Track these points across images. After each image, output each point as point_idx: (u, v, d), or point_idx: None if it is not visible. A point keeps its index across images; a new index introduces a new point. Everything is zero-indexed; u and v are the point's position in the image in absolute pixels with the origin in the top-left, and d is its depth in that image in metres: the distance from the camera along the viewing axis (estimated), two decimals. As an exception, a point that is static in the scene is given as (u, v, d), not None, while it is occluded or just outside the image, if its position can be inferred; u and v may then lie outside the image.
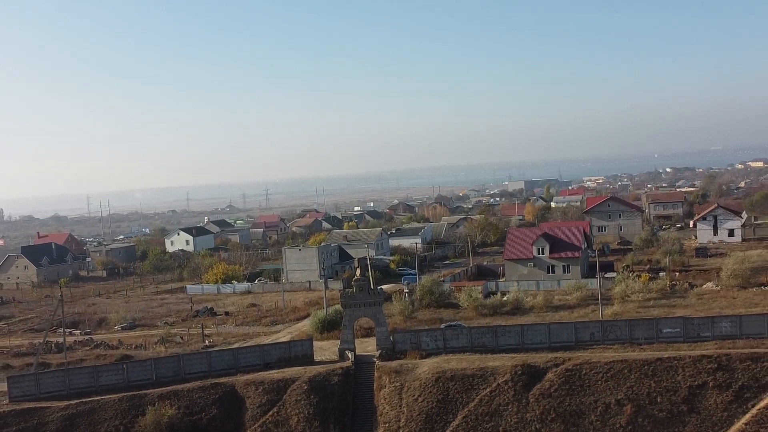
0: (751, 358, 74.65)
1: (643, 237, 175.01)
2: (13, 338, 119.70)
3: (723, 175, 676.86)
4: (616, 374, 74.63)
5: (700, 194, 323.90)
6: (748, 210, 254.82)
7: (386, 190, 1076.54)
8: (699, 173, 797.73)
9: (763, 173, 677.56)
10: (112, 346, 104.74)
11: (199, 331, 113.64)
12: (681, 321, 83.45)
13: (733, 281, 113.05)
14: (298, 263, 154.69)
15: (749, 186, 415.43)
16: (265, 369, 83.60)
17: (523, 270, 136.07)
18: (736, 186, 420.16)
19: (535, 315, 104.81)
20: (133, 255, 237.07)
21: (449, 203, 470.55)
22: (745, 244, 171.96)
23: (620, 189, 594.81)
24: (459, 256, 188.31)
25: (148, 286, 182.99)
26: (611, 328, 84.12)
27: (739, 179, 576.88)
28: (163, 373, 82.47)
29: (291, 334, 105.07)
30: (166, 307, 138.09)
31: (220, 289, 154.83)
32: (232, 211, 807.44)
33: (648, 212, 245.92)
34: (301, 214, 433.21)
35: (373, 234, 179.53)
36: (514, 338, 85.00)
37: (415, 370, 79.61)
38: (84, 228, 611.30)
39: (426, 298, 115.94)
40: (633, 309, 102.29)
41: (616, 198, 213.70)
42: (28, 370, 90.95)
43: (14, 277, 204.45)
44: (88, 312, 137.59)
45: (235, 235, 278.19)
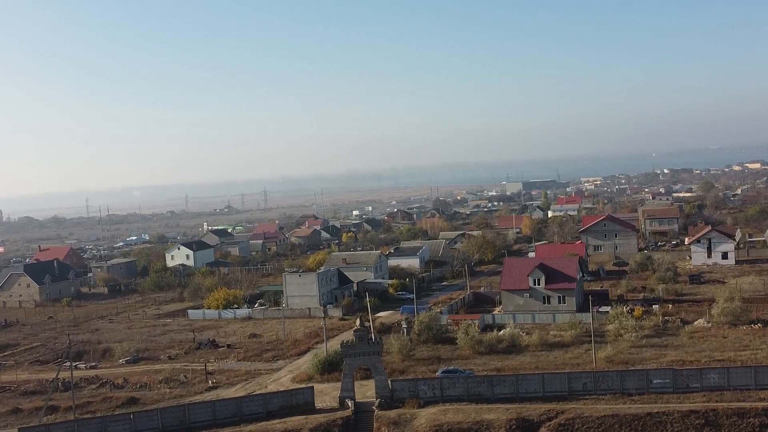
0: (738, 413, 77.35)
1: (638, 260, 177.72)
2: (20, 371, 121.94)
3: (720, 178, 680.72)
4: (608, 429, 77.25)
5: (696, 205, 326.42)
6: (742, 225, 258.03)
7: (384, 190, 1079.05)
8: (696, 175, 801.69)
9: (761, 176, 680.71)
10: (117, 385, 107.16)
11: (201, 365, 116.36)
12: (671, 372, 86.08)
13: (723, 318, 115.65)
14: (298, 288, 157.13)
15: (745, 194, 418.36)
16: (267, 417, 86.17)
17: (519, 300, 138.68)
18: (732, 194, 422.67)
19: (530, 354, 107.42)
20: (134, 270, 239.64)
21: (447, 209, 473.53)
22: (738, 268, 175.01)
23: (617, 193, 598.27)
24: (456, 276, 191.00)
25: (149, 306, 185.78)
26: (603, 379, 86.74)
27: (735, 184, 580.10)
28: (169, 423, 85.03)
29: (292, 372, 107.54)
30: (168, 337, 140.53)
31: (221, 315, 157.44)
32: (231, 212, 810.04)
33: (644, 227, 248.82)
34: (300, 221, 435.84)
35: (372, 257, 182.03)
36: (509, 387, 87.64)
37: (413, 421, 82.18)
38: (83, 231, 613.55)
39: (424, 333, 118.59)
40: (626, 350, 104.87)
41: (612, 217, 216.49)
42: (37, 414, 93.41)
43: (17, 295, 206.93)
44: (92, 341, 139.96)
45: (235, 247, 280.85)
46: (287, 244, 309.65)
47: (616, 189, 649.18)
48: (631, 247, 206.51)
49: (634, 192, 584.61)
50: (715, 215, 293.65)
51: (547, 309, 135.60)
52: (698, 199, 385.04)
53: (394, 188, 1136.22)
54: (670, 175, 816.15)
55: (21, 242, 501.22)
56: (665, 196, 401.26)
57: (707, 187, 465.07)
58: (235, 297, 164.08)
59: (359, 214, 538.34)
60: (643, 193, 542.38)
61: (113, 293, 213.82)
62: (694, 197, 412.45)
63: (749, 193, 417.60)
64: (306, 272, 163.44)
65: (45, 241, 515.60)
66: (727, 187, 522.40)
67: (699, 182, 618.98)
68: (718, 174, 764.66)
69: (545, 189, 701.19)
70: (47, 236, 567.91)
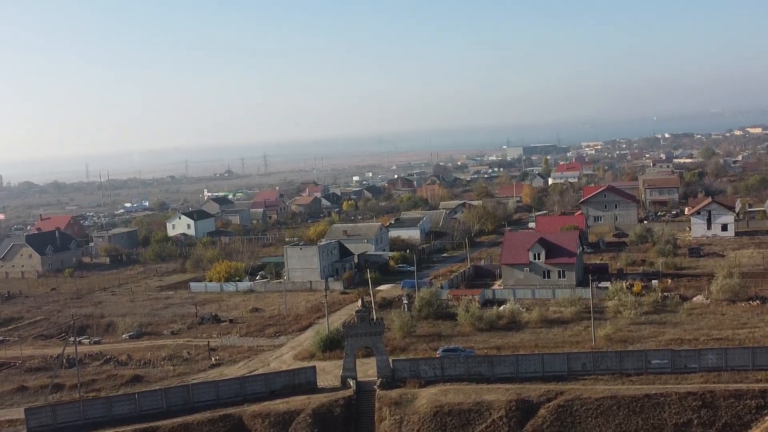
0: (735, 395, 78.37)
1: (638, 232, 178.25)
2: (24, 346, 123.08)
3: (721, 144, 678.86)
4: (606, 411, 78.35)
5: (696, 173, 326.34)
6: (742, 194, 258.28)
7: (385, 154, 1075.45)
8: (697, 140, 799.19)
9: (762, 141, 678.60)
10: (121, 362, 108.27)
11: (204, 341, 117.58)
12: (669, 353, 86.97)
13: (722, 295, 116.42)
14: (299, 261, 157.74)
15: (746, 161, 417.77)
16: (270, 397, 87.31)
17: (519, 275, 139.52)
18: (733, 160, 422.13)
19: (530, 331, 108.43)
20: (136, 240, 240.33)
21: (447, 175, 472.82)
22: (737, 240, 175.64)
23: (618, 158, 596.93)
24: (457, 247, 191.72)
25: (151, 278, 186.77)
26: (602, 359, 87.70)
27: (737, 149, 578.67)
28: (173, 402, 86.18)
29: (294, 349, 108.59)
30: (171, 311, 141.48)
31: (223, 288, 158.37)
32: (231, 177, 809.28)
33: (644, 197, 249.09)
34: (300, 187, 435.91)
35: (372, 229, 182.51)
36: (509, 367, 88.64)
37: (414, 401, 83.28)
38: (84, 196, 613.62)
39: (425, 309, 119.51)
40: (625, 327, 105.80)
41: (612, 188, 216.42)
42: (43, 392, 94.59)
43: (19, 265, 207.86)
44: (95, 315, 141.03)
45: (236, 216, 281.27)
46: (288, 212, 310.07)
47: (616, 154, 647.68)
48: (631, 218, 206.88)
49: (635, 157, 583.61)
50: (716, 184, 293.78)
51: (546, 283, 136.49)
52: (699, 166, 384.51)
53: (394, 153, 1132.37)
54: (671, 140, 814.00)
55: (22, 208, 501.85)
56: (666, 162, 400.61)
57: (708, 154, 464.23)
58: (236, 269, 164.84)
59: (359, 180, 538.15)
60: (644, 159, 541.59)
61: (115, 263, 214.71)
62: (694, 164, 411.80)
63: (750, 160, 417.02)
64: (307, 245, 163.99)
65: (45, 207, 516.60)
66: (727, 153, 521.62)
67: (700, 147, 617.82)
68: (719, 139, 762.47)
69: (546, 154, 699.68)
70: (47, 202, 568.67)
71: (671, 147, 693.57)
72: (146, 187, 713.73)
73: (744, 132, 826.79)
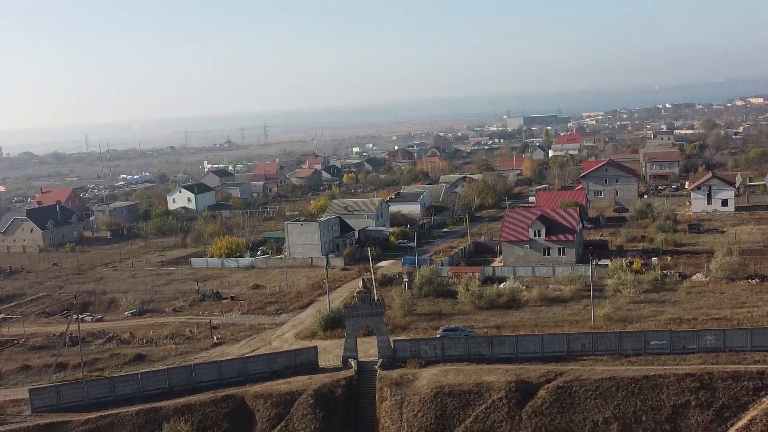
0: (733, 376, 79.03)
1: (638, 208, 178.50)
2: (27, 324, 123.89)
3: (722, 114, 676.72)
4: (605, 392, 79.07)
5: (697, 145, 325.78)
6: (743, 167, 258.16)
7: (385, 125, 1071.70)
8: (698, 110, 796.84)
9: (763, 111, 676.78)
10: (123, 340, 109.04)
11: (206, 318, 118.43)
12: (668, 334, 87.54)
13: (721, 273, 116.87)
14: (300, 237, 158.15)
15: (747, 132, 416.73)
16: (272, 377, 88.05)
17: (520, 251, 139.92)
18: (734, 132, 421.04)
19: (530, 309, 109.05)
20: (136, 214, 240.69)
21: (448, 147, 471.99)
22: (737, 215, 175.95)
23: (619, 129, 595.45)
24: (457, 222, 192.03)
25: (152, 253, 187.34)
26: (601, 340, 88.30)
27: (738, 120, 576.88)
28: (176, 383, 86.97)
29: (295, 327, 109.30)
30: (172, 287, 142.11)
31: (224, 263, 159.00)
32: (231, 148, 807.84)
33: (645, 170, 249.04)
34: (300, 159, 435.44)
35: (373, 205, 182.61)
36: (509, 348, 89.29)
37: (415, 382, 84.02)
38: (83, 167, 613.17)
39: (425, 287, 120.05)
40: (624, 306, 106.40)
41: (612, 163, 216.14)
42: (47, 371, 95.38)
43: (20, 240, 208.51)
44: (97, 291, 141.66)
45: (236, 188, 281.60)
46: (288, 185, 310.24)
47: (617, 125, 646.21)
48: (632, 192, 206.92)
49: (636, 128, 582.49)
50: (716, 157, 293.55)
51: (546, 260, 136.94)
52: (700, 138, 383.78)
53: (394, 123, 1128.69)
54: (672, 110, 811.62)
55: (22, 179, 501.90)
56: (667, 134, 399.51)
57: (709, 125, 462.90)
58: (237, 245, 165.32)
59: (359, 152, 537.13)
60: (645, 130, 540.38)
61: (116, 238, 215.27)
62: (695, 136, 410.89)
63: (751, 132, 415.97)
64: (308, 221, 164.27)
65: (45, 178, 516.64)
66: (729, 124, 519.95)
67: (701, 118, 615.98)
68: (721, 109, 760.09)
69: (546, 125, 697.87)
70: (47, 173, 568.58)
71: (672, 117, 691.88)
72: (146, 157, 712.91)
73: (746, 102, 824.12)
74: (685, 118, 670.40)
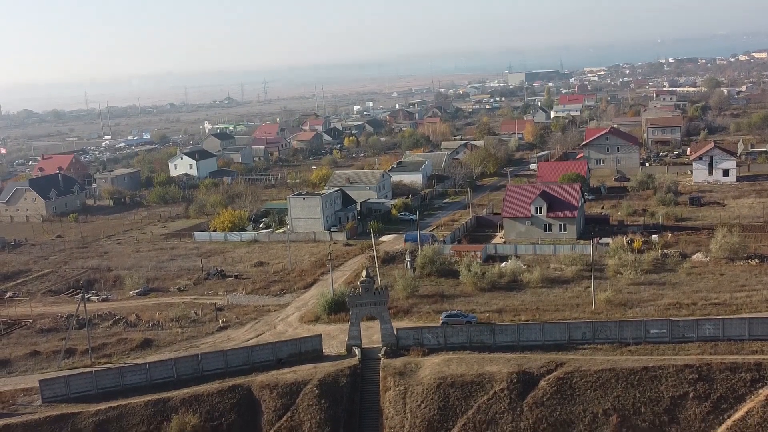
0: (730, 368, 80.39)
1: (640, 178, 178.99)
2: (34, 303, 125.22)
3: (725, 70, 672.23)
4: (604, 383, 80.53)
5: (700, 107, 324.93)
6: (745, 132, 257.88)
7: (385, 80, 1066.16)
8: (701, 65, 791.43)
9: (767, 67, 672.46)
10: (130, 323, 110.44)
11: (210, 299, 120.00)
12: (667, 323, 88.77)
13: (721, 253, 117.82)
14: (303, 211, 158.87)
15: (750, 92, 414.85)
16: (277, 365, 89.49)
17: (521, 228, 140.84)
18: (737, 91, 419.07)
19: (531, 291, 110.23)
20: (138, 181, 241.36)
21: (449, 106, 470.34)
22: (738, 186, 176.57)
23: (621, 86, 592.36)
24: (458, 192, 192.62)
25: (155, 223, 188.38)
26: (601, 329, 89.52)
27: (741, 77, 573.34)
28: (183, 372, 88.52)
29: (299, 310, 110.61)
30: (176, 264, 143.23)
31: (227, 237, 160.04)
32: (231, 104, 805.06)
33: (646, 136, 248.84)
34: (301, 120, 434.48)
35: (374, 177, 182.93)
36: (511, 336, 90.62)
37: (418, 372, 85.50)
38: (83, 126, 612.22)
39: (428, 267, 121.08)
40: (624, 289, 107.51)
41: (614, 131, 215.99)
42: (55, 358, 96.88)
43: (23, 209, 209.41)
44: (102, 268, 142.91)
45: (237, 153, 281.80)
46: (289, 149, 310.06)
47: (619, 82, 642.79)
48: (633, 161, 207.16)
49: (638, 85, 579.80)
50: (718, 120, 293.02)
51: (548, 237, 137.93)
52: (702, 98, 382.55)
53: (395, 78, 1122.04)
54: (674, 65, 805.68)
55: (22, 140, 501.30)
56: (669, 94, 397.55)
57: (712, 84, 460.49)
58: (240, 218, 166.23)
59: (360, 110, 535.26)
60: (647, 88, 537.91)
61: (119, 206, 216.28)
62: (698, 95, 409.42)
63: (754, 91, 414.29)
64: (310, 195, 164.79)
65: (45, 138, 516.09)
66: (732, 82, 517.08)
67: (704, 74, 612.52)
68: (724, 65, 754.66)
69: (548, 81, 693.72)
70: (47, 132, 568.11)
71: (675, 73, 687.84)
72: (146, 115, 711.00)
73: (749, 57, 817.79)
74: (687, 74, 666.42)
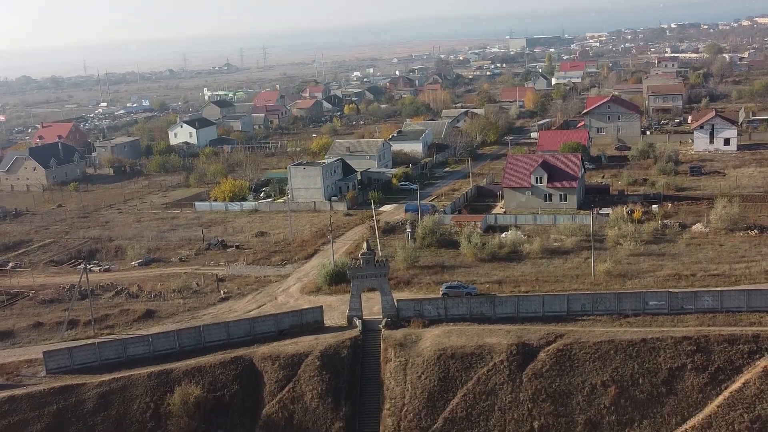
0: (728, 340, 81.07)
1: (640, 147, 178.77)
2: (36, 273, 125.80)
3: (728, 36, 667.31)
4: (603, 355, 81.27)
5: (702, 74, 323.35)
6: (747, 99, 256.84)
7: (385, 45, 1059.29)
8: (704, 30, 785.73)
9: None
10: (132, 294, 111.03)
11: (212, 269, 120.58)
12: (666, 295, 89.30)
13: (721, 224, 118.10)
14: (303, 181, 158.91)
15: (753, 58, 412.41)
16: (279, 337, 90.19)
17: (521, 198, 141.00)
18: (740, 57, 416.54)
19: (531, 262, 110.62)
20: (138, 150, 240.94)
21: (449, 72, 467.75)
22: (739, 155, 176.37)
23: (622, 52, 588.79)
24: (459, 161, 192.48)
25: (156, 193, 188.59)
26: (601, 300, 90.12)
27: (744, 43, 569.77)
28: (186, 343, 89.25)
29: (300, 281, 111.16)
30: (178, 234, 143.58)
31: (228, 207, 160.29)
32: (230, 70, 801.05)
33: (648, 104, 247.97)
34: (300, 86, 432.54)
35: (375, 145, 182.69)
36: (511, 308, 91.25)
37: (419, 343, 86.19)
38: (82, 93, 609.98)
39: (428, 238, 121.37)
40: (624, 260, 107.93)
41: (615, 99, 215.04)
42: (59, 329, 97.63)
43: (23, 178, 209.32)
44: (103, 238, 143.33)
45: (237, 121, 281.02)
46: (289, 116, 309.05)
47: (621, 48, 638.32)
48: (634, 129, 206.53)
49: (640, 51, 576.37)
50: (720, 87, 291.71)
51: (548, 207, 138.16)
52: (704, 64, 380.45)
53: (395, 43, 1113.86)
54: (677, 31, 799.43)
55: (21, 107, 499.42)
56: (670, 61, 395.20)
57: (714, 50, 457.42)
58: (241, 188, 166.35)
59: (360, 77, 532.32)
60: (649, 54, 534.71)
61: (119, 175, 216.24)
62: (700, 62, 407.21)
63: (757, 58, 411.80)
64: (310, 164, 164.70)
65: (44, 105, 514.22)
66: (734, 48, 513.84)
67: (706, 40, 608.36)
68: (727, 30, 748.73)
69: (549, 47, 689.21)
70: (46, 99, 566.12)
71: (677, 39, 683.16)
72: (145, 81, 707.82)
73: (752, 22, 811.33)
74: (690, 39, 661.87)
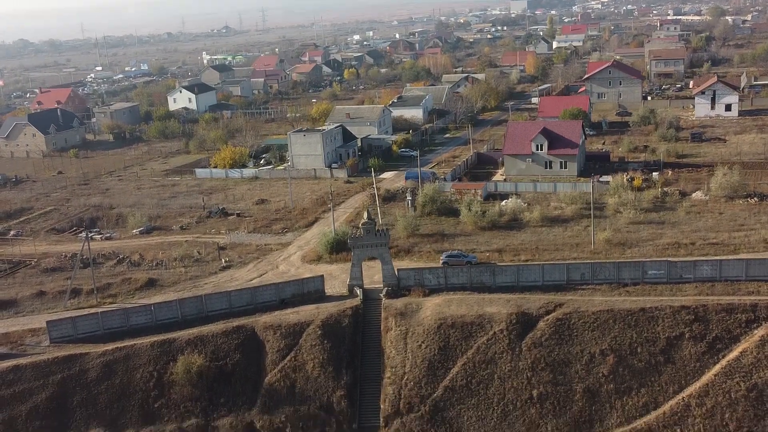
0: (726, 309, 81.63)
1: (641, 113, 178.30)
2: (37, 241, 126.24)
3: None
4: (602, 324, 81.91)
5: (704, 38, 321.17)
6: (749, 63, 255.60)
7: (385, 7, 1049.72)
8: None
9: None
10: (134, 262, 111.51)
11: (213, 237, 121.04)
12: (665, 264, 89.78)
13: (721, 192, 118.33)
14: (303, 148, 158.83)
15: (755, 21, 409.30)
16: (281, 306, 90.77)
17: (522, 165, 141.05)
18: (743, 20, 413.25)
19: (531, 231, 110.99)
20: (138, 115, 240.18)
21: (450, 36, 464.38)
22: (740, 121, 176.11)
23: (624, 15, 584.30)
24: (459, 127, 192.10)
25: (156, 159, 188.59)
26: (600, 270, 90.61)
27: (747, 6, 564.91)
28: (188, 312, 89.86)
29: (301, 249, 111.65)
30: (178, 202, 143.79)
31: (228, 174, 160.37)
32: (229, 34, 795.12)
33: (649, 68, 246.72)
34: (300, 51, 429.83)
35: (375, 112, 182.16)
36: (511, 277, 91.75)
37: (419, 312, 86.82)
38: (80, 56, 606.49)
39: (428, 206, 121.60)
40: (624, 228, 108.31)
41: (617, 64, 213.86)
42: (61, 298, 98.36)
43: (23, 144, 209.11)
44: (104, 206, 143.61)
45: (236, 86, 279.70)
46: (289, 81, 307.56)
47: (623, 10, 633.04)
48: (635, 95, 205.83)
49: (642, 14, 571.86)
50: (722, 51, 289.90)
51: (548, 174, 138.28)
52: (707, 27, 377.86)
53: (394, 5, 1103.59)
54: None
55: (19, 71, 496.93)
56: (673, 24, 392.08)
57: (717, 13, 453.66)
58: (241, 155, 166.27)
59: (360, 41, 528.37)
60: (651, 16, 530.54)
61: (118, 141, 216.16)
62: (702, 25, 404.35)
63: (760, 21, 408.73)
64: (310, 131, 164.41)
65: (42, 68, 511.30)
66: (737, 10, 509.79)
67: (709, 1, 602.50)
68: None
69: (551, 9, 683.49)
70: (44, 63, 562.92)
71: (680, 1, 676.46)
72: (143, 45, 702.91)
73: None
74: (693, 1, 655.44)
